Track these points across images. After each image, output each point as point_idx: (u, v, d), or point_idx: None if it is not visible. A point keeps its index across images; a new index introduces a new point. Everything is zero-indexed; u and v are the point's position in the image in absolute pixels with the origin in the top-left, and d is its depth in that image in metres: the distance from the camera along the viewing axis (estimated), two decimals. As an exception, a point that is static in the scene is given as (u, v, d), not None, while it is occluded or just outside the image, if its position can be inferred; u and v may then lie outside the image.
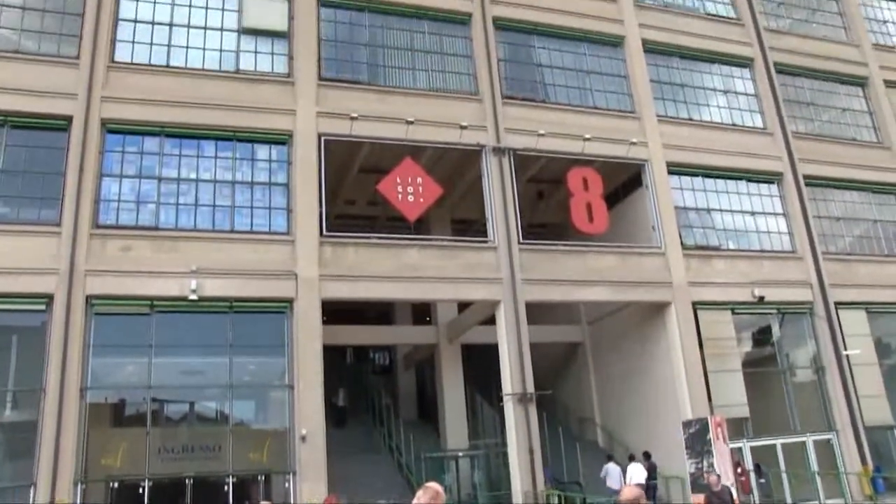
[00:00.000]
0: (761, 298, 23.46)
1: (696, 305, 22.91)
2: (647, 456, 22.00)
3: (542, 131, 22.60)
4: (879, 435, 23.95)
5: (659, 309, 23.06)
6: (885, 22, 31.10)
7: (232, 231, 19.09)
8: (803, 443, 22.98)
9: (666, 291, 22.76)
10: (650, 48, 25.85)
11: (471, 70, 23.31)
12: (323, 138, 20.61)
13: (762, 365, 24.04)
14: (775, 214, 25.47)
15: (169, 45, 20.33)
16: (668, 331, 22.76)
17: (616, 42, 25.61)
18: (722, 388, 22.38)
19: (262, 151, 20.26)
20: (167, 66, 20.08)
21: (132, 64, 19.87)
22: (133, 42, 20.12)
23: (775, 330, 24.36)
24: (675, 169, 24.42)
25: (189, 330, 18.29)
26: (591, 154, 23.23)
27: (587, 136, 23.01)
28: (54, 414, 16.52)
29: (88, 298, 17.65)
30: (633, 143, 23.75)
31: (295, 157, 20.18)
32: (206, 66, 20.41)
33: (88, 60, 19.32)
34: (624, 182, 25.13)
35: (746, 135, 26.05)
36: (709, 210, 24.63)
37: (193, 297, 17.97)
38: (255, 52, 21.05)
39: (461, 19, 23.85)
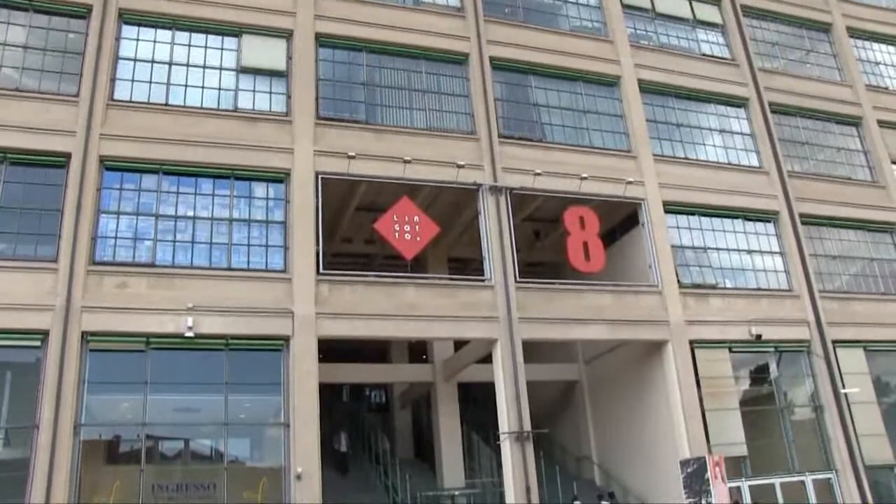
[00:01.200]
0: (759, 337, 23.41)
1: (694, 344, 22.84)
2: (611, 496, 21.71)
3: (538, 170, 22.67)
4: (880, 474, 23.78)
5: (656, 347, 22.98)
6: (877, 63, 31.48)
7: (229, 268, 19.08)
8: (802, 482, 22.81)
9: (663, 330, 22.69)
10: (646, 88, 26.02)
11: (468, 109, 23.40)
12: (320, 177, 20.65)
13: (760, 403, 23.91)
14: (772, 253, 25.50)
15: (168, 84, 20.44)
16: (665, 369, 22.64)
17: (612, 82, 25.77)
18: (720, 427, 22.24)
19: (259, 189, 20.27)
20: (166, 104, 20.19)
21: (131, 102, 19.99)
22: (132, 80, 20.24)
23: (773, 368, 24.27)
24: (672, 208, 24.46)
25: (185, 367, 18.20)
26: (588, 193, 23.26)
27: (584, 175, 23.12)
28: (47, 451, 16.39)
29: (84, 335, 17.60)
30: (630, 183, 23.84)
31: (292, 196, 20.20)
32: (205, 105, 20.51)
33: (88, 98, 19.44)
34: (620, 221, 25.13)
35: (742, 174, 26.14)
36: (705, 249, 24.62)
37: (189, 334, 17.91)
38: (254, 91, 21.15)
39: (458, 59, 24.01)
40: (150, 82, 20.34)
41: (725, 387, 22.89)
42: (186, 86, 20.59)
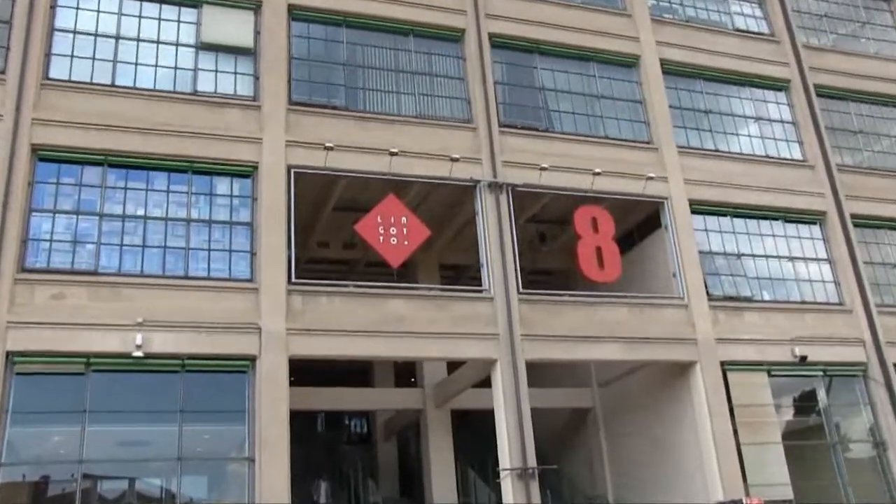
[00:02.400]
0: (803, 358, 23.32)
1: (726, 366, 22.75)
2: None
3: (545, 164, 22.67)
4: (955, 524, 23.60)
5: (682, 370, 22.92)
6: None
7: (185, 277, 18.99)
8: (861, 532, 22.70)
9: (690, 349, 22.64)
10: (670, 69, 26.05)
11: (464, 94, 23.43)
12: (293, 171, 20.60)
13: (807, 437, 23.76)
14: (818, 260, 25.48)
15: (114, 62, 20.30)
16: (692, 395, 22.57)
17: (630, 62, 25.80)
18: (759, 464, 22.07)
19: (222, 185, 20.23)
20: (112, 85, 20.06)
21: (70, 82, 19.81)
22: (71, 56, 20.07)
23: (821, 395, 24.09)
24: (700, 208, 24.46)
25: (132, 392, 18.03)
26: (602, 191, 23.26)
27: (597, 170, 23.11)
28: (-41, 495, 16.26)
29: (9, 355, 17.33)
30: (651, 179, 23.83)
31: (260, 193, 20.16)
32: (158, 87, 20.39)
33: (16, 76, 19.26)
34: (639, 223, 25.15)
35: (783, 168, 26.16)
36: (739, 255, 24.58)
37: (138, 353, 17.75)
38: (216, 72, 21.05)
39: (453, 36, 24.02)
40: (93, 59, 20.17)
41: (764, 416, 22.71)
42: (136, 64, 20.45)
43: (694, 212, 24.29)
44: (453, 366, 25.25)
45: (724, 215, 24.87)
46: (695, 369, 22.56)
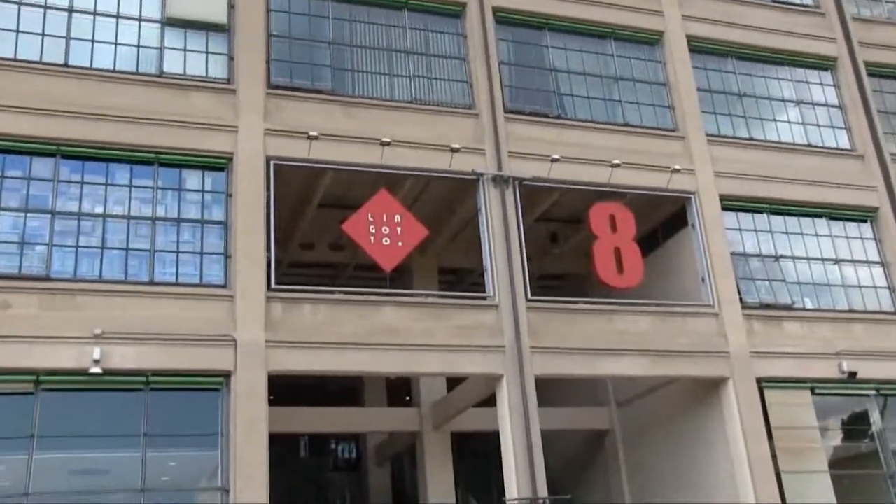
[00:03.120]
0: (853, 374, 23.16)
1: (763, 383, 22.67)
2: None
3: (556, 155, 22.58)
4: None
5: (712, 387, 22.86)
6: None
7: (150, 283, 18.89)
8: (923, 576, 22.50)
9: (721, 364, 22.54)
10: (698, 47, 26.02)
11: (465, 76, 23.45)
12: (272, 163, 20.54)
13: (858, 465, 23.56)
14: (869, 263, 25.40)
15: (68, 38, 20.16)
16: (724, 416, 22.47)
17: (653, 40, 25.81)
18: (801, 496, 21.91)
19: (192, 179, 20.15)
20: (65, 65, 19.93)
21: (16, 61, 19.67)
22: (17, 32, 19.94)
23: (875, 418, 23.88)
24: (732, 204, 24.45)
25: (88, 414, 17.84)
26: (621, 185, 23.25)
27: (615, 161, 23.04)
28: None
29: (-56, 374, 17.33)
30: (676, 171, 23.73)
31: (235, 188, 20.06)
32: (119, 68, 20.28)
33: (-49, 54, 19.34)
34: (663, 221, 25.17)
35: (828, 158, 26.12)
36: (777, 257, 24.54)
37: (96, 369, 17.56)
38: (185, 51, 20.97)
39: (453, 11, 24.00)
40: (43, 35, 20.05)
41: (808, 441, 22.60)
42: (93, 41, 20.32)
43: (725, 208, 24.27)
44: (453, 382, 25.16)
45: (760, 212, 24.84)
46: (727, 386, 22.48)
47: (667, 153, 24.17)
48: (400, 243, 21.09)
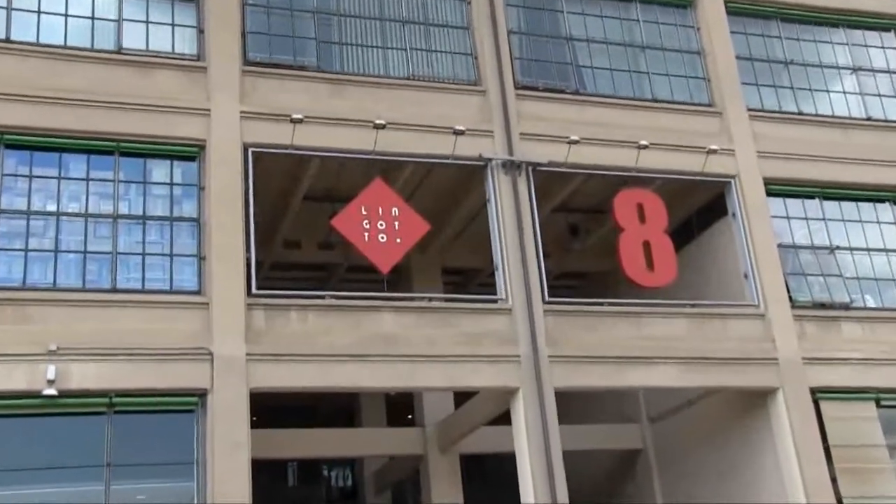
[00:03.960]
0: (925, 382, 23.15)
1: (818, 394, 22.59)
2: None
3: (575, 137, 22.44)
4: None
5: (759, 399, 22.81)
6: None
7: (113, 290, 18.83)
8: None
9: (769, 373, 22.47)
10: (737, 8, 25.98)
11: (469, 48, 23.48)
12: (251, 151, 20.49)
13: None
14: (941, 255, 25.37)
15: (9, 9, 20.08)
16: (774, 433, 22.38)
17: (685, 2, 25.81)
18: (869, 526, 21.99)
19: (158, 171, 20.15)
20: (6, 40, 19.85)
21: (-51, 38, 19.83)
22: (-52, 3, 20.07)
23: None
24: (778, 188, 24.43)
25: (42, 442, 17.73)
26: (650, 169, 23.18)
27: (643, 142, 22.92)
28: None
29: None
30: (713, 152, 23.58)
31: (209, 180, 20.00)
32: (71, 43, 20.21)
33: None
34: (699, 210, 25.19)
35: (891, 133, 26.06)
36: (832, 249, 24.49)
37: (51, 391, 17.42)
38: (147, 23, 20.93)
39: (455, -27, 24.07)
40: (-20, 7, 20.20)
41: (874, 461, 22.49)
42: (39, 13, 20.27)
43: (770, 194, 24.23)
44: (461, 398, 25.06)
45: (811, 197, 24.85)
46: (776, 398, 22.41)
47: (702, 132, 24.12)
48: (398, 240, 21.07)
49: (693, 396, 24.44)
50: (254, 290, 19.63)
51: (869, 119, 26.21)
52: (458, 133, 21.57)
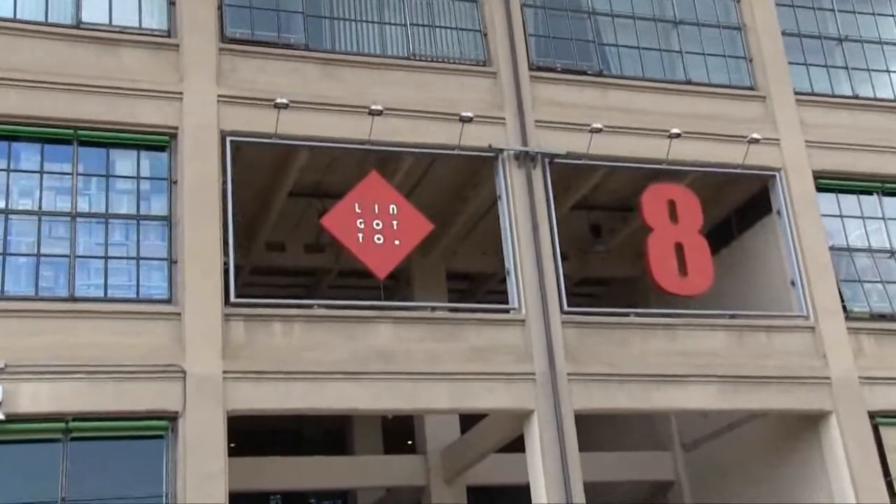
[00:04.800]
0: None
1: (878, 418, 22.52)
2: None
3: (597, 124, 22.41)
4: None
5: (809, 424, 22.76)
6: None
7: (71, 299, 18.69)
8: None
9: (820, 393, 22.39)
10: (782, -24, 26.07)
11: (477, 24, 23.54)
12: (229, 140, 20.44)
13: None
14: None
15: (-51, -22, 20.22)
16: (827, 463, 22.29)
17: None
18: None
19: (123, 162, 20.07)
20: (-52, 13, 19.99)
21: None
22: None
23: None
24: (830, 182, 24.43)
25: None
26: (683, 161, 23.19)
27: (675, 130, 22.84)
28: None
29: None
30: (755, 141, 23.49)
31: (181, 173, 19.93)
32: (23, 16, 20.16)
33: None
34: (739, 207, 25.25)
35: None
36: (893, 253, 24.48)
37: (-2, 415, 17.54)
38: (110, -6, 21.02)
39: (460, -64, 24.04)
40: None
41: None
42: (-13, -18, 20.40)
43: (821, 189, 24.24)
44: (469, 422, 25.07)
45: (869, 193, 24.83)
46: (828, 423, 22.34)
47: (743, 118, 24.13)
48: (396, 242, 21.00)
49: (733, 421, 24.35)
50: (232, 299, 19.53)
51: (938, 106, 26.26)
52: (464, 120, 21.49)
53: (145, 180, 19.99)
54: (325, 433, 30.73)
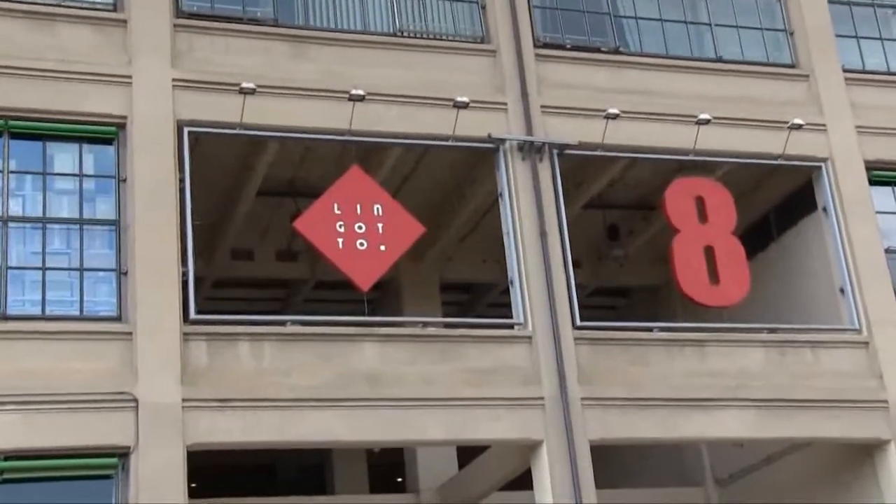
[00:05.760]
0: None
1: None
2: None
3: (613, 110, 22.41)
4: None
5: (862, 455, 22.76)
6: None
7: (2, 317, 18.63)
8: None
9: (875, 419, 22.38)
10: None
11: None
12: (187, 131, 20.42)
13: None
14: None
15: None
16: (884, 497, 22.21)
17: None
18: None
19: (63, 157, 20.15)
20: None
21: None
22: None
23: None
24: (885, 175, 24.57)
25: None
26: (713, 151, 23.29)
27: (703, 116, 22.81)
28: None
29: None
30: (798, 127, 23.46)
31: (131, 169, 19.89)
32: None
33: None
34: (779, 204, 25.38)
35: None
36: None
37: (-89, 452, 17.51)
38: (46, -39, 20.97)
39: None
40: None
41: None
42: None
43: (875, 182, 24.33)
44: (468, 455, 25.01)
45: None
46: (886, 454, 22.31)
47: (783, 101, 24.20)
48: (382, 247, 21.01)
49: (773, 452, 24.35)
50: (192, 316, 19.52)
51: None
52: (460, 106, 21.47)
53: (89, 178, 19.99)
54: (302, 469, 30.90)
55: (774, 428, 22.01)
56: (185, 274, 19.62)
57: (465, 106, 21.45)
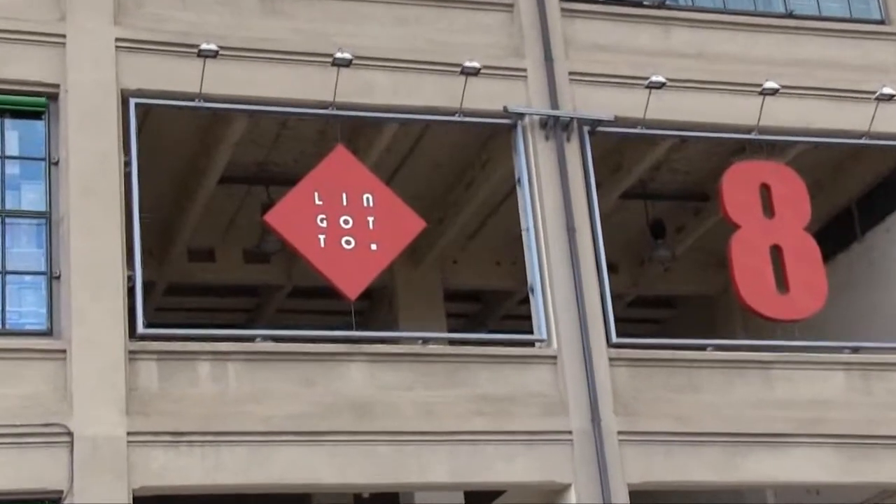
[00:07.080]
0: None
1: None
2: None
3: (658, 77, 22.42)
4: None
5: None
6: None
7: None
8: None
9: None
10: None
11: None
12: (133, 102, 20.48)
13: None
14: None
15: None
16: None
17: None
18: None
19: None
20: None
21: None
22: None
23: None
24: None
25: None
26: (781, 129, 23.32)
27: (769, 85, 22.81)
28: None
29: None
30: (888, 99, 23.45)
31: (66, 150, 19.96)
32: None
33: None
34: (864, 195, 25.46)
35: None
36: None
37: None
38: None
39: None
40: None
41: None
42: None
43: None
44: (477, 501, 24.91)
45: None
46: None
47: (870, 66, 24.27)
48: (373, 246, 21.03)
49: (859, 499, 24.26)
50: (140, 330, 19.51)
51: None
52: (469, 73, 21.50)
53: (13, 161, 20.03)
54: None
55: (858, 470, 21.95)
56: (131, 279, 19.62)
57: (475, 72, 21.44)
